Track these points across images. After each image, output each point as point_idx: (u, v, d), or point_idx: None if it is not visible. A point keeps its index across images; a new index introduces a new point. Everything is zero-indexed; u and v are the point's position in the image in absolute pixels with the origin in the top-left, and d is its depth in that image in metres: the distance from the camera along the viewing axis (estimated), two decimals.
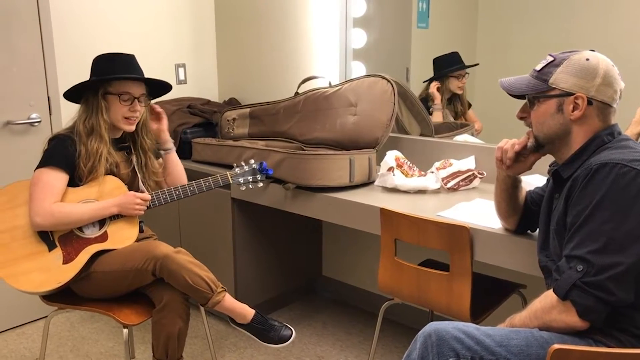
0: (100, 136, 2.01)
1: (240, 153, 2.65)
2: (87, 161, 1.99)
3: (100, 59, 2.07)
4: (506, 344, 1.35)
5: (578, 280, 1.30)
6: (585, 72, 1.41)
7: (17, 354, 2.66)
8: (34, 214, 1.92)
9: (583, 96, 1.41)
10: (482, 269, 2.15)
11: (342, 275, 3.16)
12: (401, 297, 2.02)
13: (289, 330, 2.08)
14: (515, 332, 1.38)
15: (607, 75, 1.41)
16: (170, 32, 3.31)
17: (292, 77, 3.12)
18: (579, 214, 1.33)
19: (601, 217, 1.30)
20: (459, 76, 2.74)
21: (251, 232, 2.82)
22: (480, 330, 1.38)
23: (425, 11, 2.87)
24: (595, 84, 1.41)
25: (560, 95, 1.44)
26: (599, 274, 1.28)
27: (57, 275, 1.93)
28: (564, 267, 1.34)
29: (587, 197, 1.32)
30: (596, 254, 1.29)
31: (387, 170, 2.33)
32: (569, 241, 1.35)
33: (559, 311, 1.34)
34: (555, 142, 1.48)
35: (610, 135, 1.43)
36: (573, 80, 1.42)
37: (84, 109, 2.05)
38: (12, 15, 2.68)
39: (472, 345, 1.36)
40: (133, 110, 2.05)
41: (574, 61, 1.43)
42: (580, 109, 1.41)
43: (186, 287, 1.92)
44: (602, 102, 1.42)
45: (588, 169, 1.34)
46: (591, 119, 1.43)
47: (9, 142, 2.76)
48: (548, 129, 1.47)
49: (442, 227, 1.84)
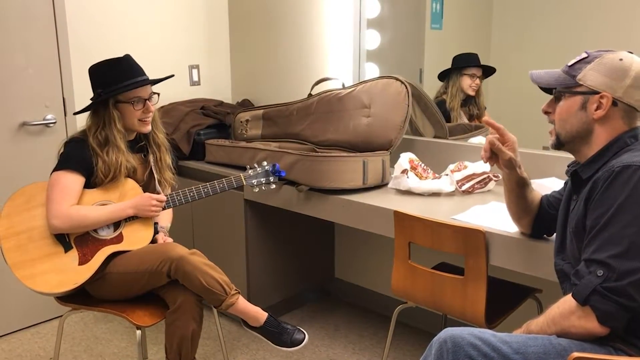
0: (116, 147, 2.01)
1: (253, 154, 2.65)
2: (107, 172, 2.00)
3: (98, 68, 2.04)
4: (523, 351, 1.32)
5: (598, 286, 1.27)
6: (615, 72, 1.37)
7: (31, 353, 2.68)
8: (52, 217, 1.93)
9: (608, 95, 1.37)
10: (497, 273, 2.14)
11: (355, 278, 3.15)
12: (415, 300, 2.01)
13: (302, 333, 2.07)
14: (532, 339, 1.35)
15: (638, 77, 1.36)
16: (184, 33, 3.32)
17: (306, 79, 3.12)
18: (599, 217, 1.31)
19: (623, 221, 1.27)
20: (472, 76, 2.72)
21: (264, 234, 2.82)
22: (497, 337, 1.36)
23: (439, 12, 2.86)
24: (623, 85, 1.37)
25: (586, 92, 1.41)
26: (621, 280, 1.26)
27: (73, 277, 1.94)
28: (583, 272, 1.31)
29: (609, 199, 1.29)
30: (618, 259, 1.26)
31: (401, 172, 2.32)
32: (588, 245, 1.33)
33: (578, 316, 1.31)
34: (576, 141, 1.45)
35: (633, 137, 1.40)
36: (601, 78, 1.39)
37: (94, 121, 2.03)
38: (28, 17, 2.71)
39: (488, 352, 1.33)
40: (147, 112, 2.06)
41: (606, 60, 1.40)
42: (603, 109, 1.38)
43: (200, 289, 1.92)
44: (628, 105, 1.38)
45: (610, 171, 1.31)
46: (614, 121, 1.39)
47: (24, 143, 2.78)
48: (570, 127, 1.44)
49: (457, 230, 1.82)
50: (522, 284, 2.13)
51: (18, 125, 2.75)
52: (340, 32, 2.97)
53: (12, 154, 2.75)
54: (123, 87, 1.99)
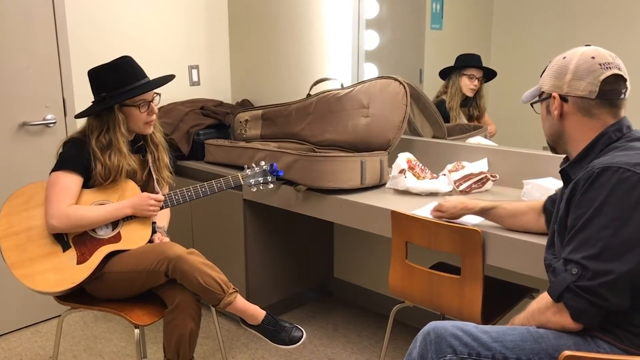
0: (119, 150, 2.01)
1: (252, 154, 2.66)
2: (107, 176, 2.00)
3: (101, 71, 2.03)
4: (502, 340, 1.37)
5: (572, 284, 1.30)
6: (558, 71, 1.45)
7: (31, 352, 2.69)
8: (50, 217, 1.94)
9: (555, 95, 1.44)
10: (495, 272, 2.14)
11: (354, 277, 3.16)
12: (412, 300, 2.02)
13: (300, 331, 2.08)
14: (511, 328, 1.41)
15: (578, 69, 1.41)
16: (184, 34, 3.33)
17: (305, 79, 3.13)
18: (578, 217, 1.33)
19: (599, 223, 1.29)
20: (471, 77, 2.72)
21: (263, 233, 2.83)
22: (478, 328, 1.41)
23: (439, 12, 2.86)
24: (565, 80, 1.43)
25: (545, 98, 1.49)
26: (593, 279, 1.28)
27: (71, 276, 1.95)
28: (560, 269, 1.34)
29: (588, 201, 1.32)
30: (592, 260, 1.29)
31: (399, 172, 2.32)
32: (567, 244, 1.35)
33: (553, 312, 1.35)
34: (558, 142, 1.52)
35: (618, 131, 1.41)
36: (550, 81, 1.47)
37: (96, 124, 2.02)
38: (29, 18, 2.72)
39: (469, 341, 1.38)
40: (151, 113, 2.07)
41: (554, 62, 1.48)
42: (556, 108, 1.45)
43: (198, 288, 1.93)
44: (577, 97, 1.42)
45: (590, 172, 1.33)
46: (573, 116, 1.44)
47: (25, 143, 2.80)
48: (547, 131, 1.53)
49: (454, 230, 1.83)
50: (519, 284, 2.14)
51: (18, 125, 2.77)
52: (339, 33, 2.97)
53: (12, 154, 2.77)
54: (130, 92, 1.99)
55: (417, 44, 2.97)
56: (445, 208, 1.88)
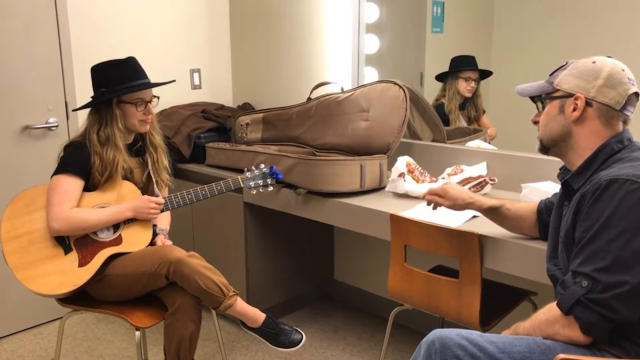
0: (115, 145, 2.04)
1: (253, 158, 2.68)
2: (103, 170, 2.03)
3: (104, 67, 2.07)
4: (509, 351, 1.35)
5: (582, 297, 1.29)
6: (588, 74, 1.41)
7: (33, 354, 2.71)
8: (52, 220, 1.96)
9: (581, 96, 1.41)
10: (493, 275, 2.15)
11: (354, 280, 3.17)
12: (411, 303, 2.03)
13: (300, 334, 2.09)
14: (518, 339, 1.38)
15: (611, 77, 1.39)
16: (186, 37, 3.35)
17: (305, 83, 3.14)
18: (587, 230, 1.32)
19: (609, 235, 1.28)
20: (467, 79, 2.74)
21: (263, 236, 2.84)
22: (484, 337, 1.39)
23: (440, 16, 2.88)
24: (595, 84, 1.40)
25: (562, 96, 1.45)
26: (604, 292, 1.27)
27: (73, 278, 1.97)
28: (569, 282, 1.33)
29: (596, 213, 1.31)
30: (602, 272, 1.28)
31: (398, 176, 2.34)
32: (575, 257, 1.34)
33: (562, 325, 1.33)
34: (559, 145, 1.48)
35: (619, 142, 1.41)
36: (575, 81, 1.43)
37: (96, 119, 2.07)
38: (31, 21, 2.74)
39: (475, 352, 1.36)
40: (147, 113, 2.09)
41: (580, 63, 1.44)
42: (578, 110, 1.42)
43: (199, 290, 1.94)
44: (603, 104, 1.40)
45: (597, 184, 1.33)
46: (592, 121, 1.42)
47: (27, 146, 2.82)
48: (550, 131, 1.48)
49: (452, 233, 1.84)
50: (517, 287, 2.14)
51: (21, 128, 2.79)
52: (340, 37, 2.99)
53: (15, 157, 2.79)
54: (128, 88, 2.03)
55: (417, 48, 2.99)
56: (449, 195, 1.80)
